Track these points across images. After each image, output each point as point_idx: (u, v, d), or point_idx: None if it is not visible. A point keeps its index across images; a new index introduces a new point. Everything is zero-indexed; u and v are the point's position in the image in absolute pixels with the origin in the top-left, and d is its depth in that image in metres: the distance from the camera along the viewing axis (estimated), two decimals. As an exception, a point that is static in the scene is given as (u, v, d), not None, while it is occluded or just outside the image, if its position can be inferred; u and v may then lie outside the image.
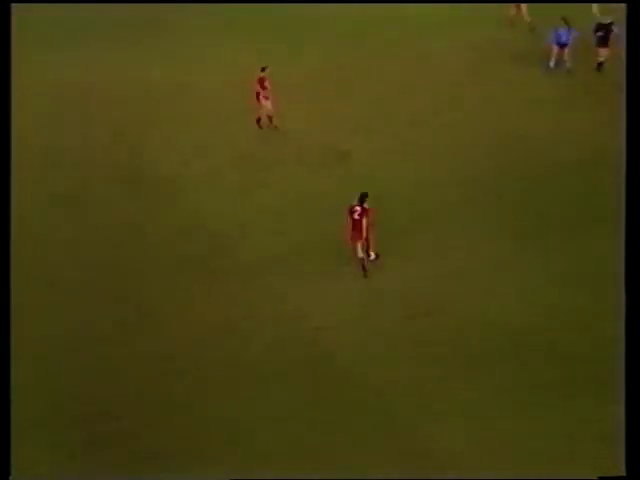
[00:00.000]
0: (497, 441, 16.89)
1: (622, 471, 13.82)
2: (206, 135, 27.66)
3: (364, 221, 21.09)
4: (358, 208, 21.20)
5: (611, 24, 31.75)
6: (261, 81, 27.05)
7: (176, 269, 21.55)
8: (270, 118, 27.71)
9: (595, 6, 33.08)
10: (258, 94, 27.18)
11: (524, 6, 35.47)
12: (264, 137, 27.37)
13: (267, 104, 27.32)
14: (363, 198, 21.26)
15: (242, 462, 16.34)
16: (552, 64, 32.58)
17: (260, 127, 27.89)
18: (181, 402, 17.87)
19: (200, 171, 25.47)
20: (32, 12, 33.06)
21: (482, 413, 17.56)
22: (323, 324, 19.58)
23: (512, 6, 35.80)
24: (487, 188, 24.71)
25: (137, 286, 21.09)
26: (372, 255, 21.62)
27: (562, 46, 32.32)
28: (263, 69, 27.16)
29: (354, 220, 21.21)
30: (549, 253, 22.06)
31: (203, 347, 19.15)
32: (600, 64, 32.07)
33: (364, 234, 21.18)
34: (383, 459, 16.33)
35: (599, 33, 32.00)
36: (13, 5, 16.55)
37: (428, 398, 17.74)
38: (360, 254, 21.36)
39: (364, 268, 21.35)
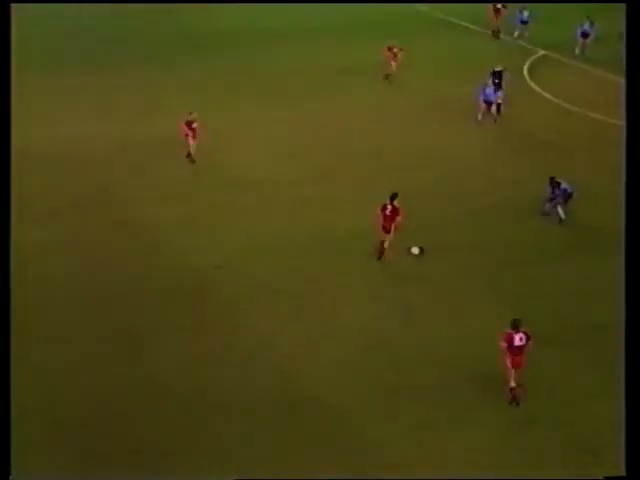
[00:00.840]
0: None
1: (622, 471, 14.07)
2: (182, 184, 28.77)
3: (397, 218, 23.67)
4: (389, 206, 23.80)
5: (503, 70, 35.85)
6: (189, 123, 30.09)
7: (160, 302, 22.34)
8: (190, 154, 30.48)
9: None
10: (187, 134, 30.13)
11: (399, 57, 39.18)
12: (234, 185, 28.58)
13: (193, 143, 30.18)
14: (394, 197, 23.85)
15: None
16: (480, 118, 34.66)
17: (192, 161, 30.27)
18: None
19: (179, 216, 26.54)
20: None
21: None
22: (291, 353, 20.21)
23: (390, 60, 39.30)
24: (435, 229, 25.82)
25: (129, 316, 21.77)
26: (416, 250, 24.00)
27: (489, 104, 34.71)
28: (190, 113, 30.13)
29: (385, 216, 23.81)
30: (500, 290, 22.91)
31: (188, 371, 19.68)
32: (498, 105, 35.02)
33: (394, 227, 23.68)
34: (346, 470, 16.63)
35: (495, 80, 35.38)
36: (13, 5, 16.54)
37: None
38: (385, 240, 23.91)
39: (381, 254, 23.95)
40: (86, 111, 34.96)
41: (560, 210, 26.16)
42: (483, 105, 34.45)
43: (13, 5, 16.62)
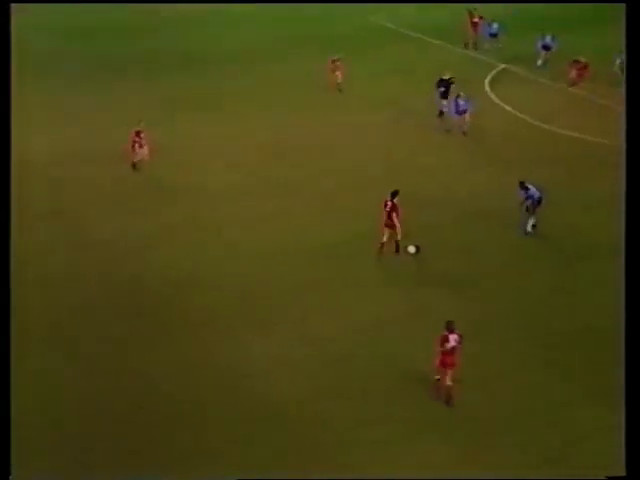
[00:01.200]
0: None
1: (622, 471, 14.09)
2: (162, 198, 28.81)
3: (394, 214, 23.81)
4: (389, 203, 24.03)
5: (450, 79, 36.09)
6: (137, 133, 30.55)
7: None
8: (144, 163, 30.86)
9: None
10: (134, 143, 30.50)
11: (340, 70, 39.72)
12: (206, 201, 28.55)
13: (142, 151, 30.67)
14: (394, 194, 24.07)
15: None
16: (451, 127, 34.75)
17: (134, 169, 30.77)
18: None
19: (156, 230, 26.64)
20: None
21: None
22: (260, 366, 19.96)
23: (329, 69, 39.87)
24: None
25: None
26: (412, 248, 23.65)
27: (461, 113, 34.58)
28: (139, 122, 30.77)
29: (386, 212, 23.93)
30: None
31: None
32: (442, 112, 35.68)
33: (395, 223, 23.82)
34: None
35: (441, 88, 35.96)
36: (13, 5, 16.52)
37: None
38: (384, 240, 24.03)
39: (397, 248, 24.09)
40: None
41: (529, 221, 25.76)
42: (456, 116, 34.33)
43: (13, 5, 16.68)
